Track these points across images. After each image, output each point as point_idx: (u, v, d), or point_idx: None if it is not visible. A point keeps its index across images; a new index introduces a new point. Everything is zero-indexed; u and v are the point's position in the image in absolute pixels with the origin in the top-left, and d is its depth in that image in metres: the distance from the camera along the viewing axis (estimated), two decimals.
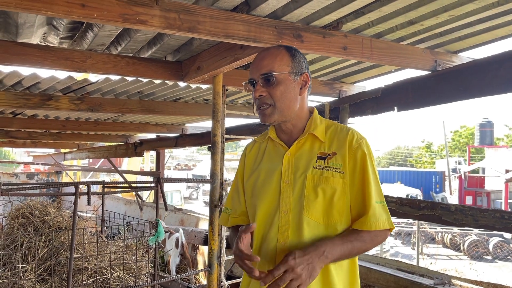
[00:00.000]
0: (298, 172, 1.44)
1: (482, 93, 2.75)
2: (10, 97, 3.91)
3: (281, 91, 1.43)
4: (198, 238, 5.54)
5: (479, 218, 2.69)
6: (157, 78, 3.38)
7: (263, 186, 1.49)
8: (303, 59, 1.50)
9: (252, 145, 1.64)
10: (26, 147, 8.98)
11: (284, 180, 1.45)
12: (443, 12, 2.39)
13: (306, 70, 1.49)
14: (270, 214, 1.45)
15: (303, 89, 1.48)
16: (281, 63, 1.44)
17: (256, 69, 1.46)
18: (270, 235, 1.42)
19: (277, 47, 1.51)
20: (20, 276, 2.54)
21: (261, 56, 1.48)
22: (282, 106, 1.43)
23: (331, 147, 1.45)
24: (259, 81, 1.44)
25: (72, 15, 1.92)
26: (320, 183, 1.40)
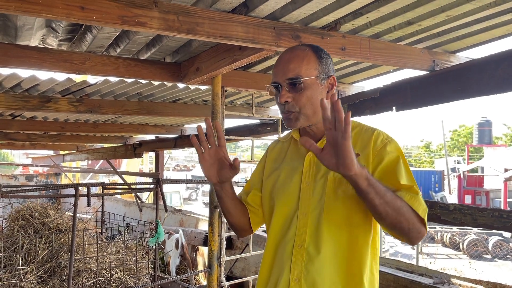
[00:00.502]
0: (319, 174, 1.39)
1: (480, 93, 2.77)
2: (9, 99, 3.92)
3: (308, 96, 1.36)
4: (197, 239, 5.55)
5: (478, 217, 2.70)
6: (156, 80, 3.38)
7: (282, 186, 1.45)
8: (329, 60, 1.43)
9: (275, 144, 1.61)
10: (25, 149, 8.98)
11: (305, 181, 1.40)
12: (440, 13, 2.40)
13: (333, 72, 1.43)
14: (288, 215, 1.41)
15: (330, 92, 1.41)
16: (308, 67, 1.37)
17: (282, 72, 1.38)
18: (287, 237, 1.38)
19: (303, 47, 1.42)
20: (21, 278, 2.55)
21: (287, 58, 1.40)
22: (309, 112, 1.38)
23: (355, 148, 1.32)
24: (285, 85, 1.37)
25: (72, 18, 1.93)
26: (342, 185, 1.33)
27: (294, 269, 1.34)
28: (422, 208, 1.25)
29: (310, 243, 1.34)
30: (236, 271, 5.24)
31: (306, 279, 1.32)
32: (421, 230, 1.25)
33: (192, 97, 4.65)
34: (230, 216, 1.56)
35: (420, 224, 1.25)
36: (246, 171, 34.11)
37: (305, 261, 1.33)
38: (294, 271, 1.34)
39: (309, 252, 1.33)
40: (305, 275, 1.32)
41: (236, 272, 5.22)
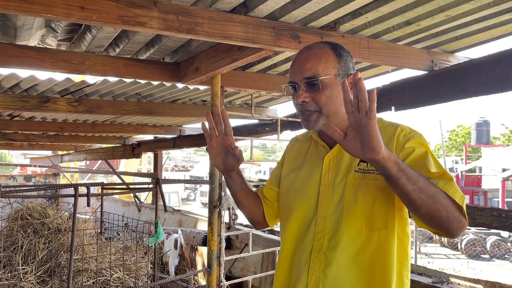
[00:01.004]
0: (339, 176, 1.34)
1: (479, 93, 2.78)
2: (8, 99, 3.91)
3: (327, 96, 1.30)
4: (196, 239, 5.56)
5: (477, 217, 2.71)
6: (156, 80, 3.38)
7: (301, 188, 1.40)
8: (349, 58, 1.36)
9: (294, 142, 1.57)
10: (23, 149, 8.96)
11: (324, 183, 1.35)
12: (439, 12, 2.41)
13: (353, 70, 1.36)
14: (306, 218, 1.36)
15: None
16: (327, 65, 1.30)
17: (299, 71, 1.32)
18: (306, 241, 1.34)
19: (322, 45, 1.35)
20: (21, 278, 2.54)
21: (304, 56, 1.34)
22: (329, 112, 1.31)
23: None
24: (302, 85, 1.31)
25: (72, 17, 1.93)
26: (361, 188, 1.28)
27: (312, 274, 1.30)
28: (459, 195, 1.16)
29: (328, 247, 1.29)
30: (235, 271, 5.24)
31: (324, 284, 1.27)
32: (461, 219, 1.14)
33: (191, 97, 4.65)
34: (242, 206, 1.56)
35: (459, 212, 1.14)
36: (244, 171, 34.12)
37: (323, 267, 1.29)
38: (312, 276, 1.30)
39: (328, 257, 1.29)
40: (323, 281, 1.28)
41: (235, 272, 5.22)
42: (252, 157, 3.74)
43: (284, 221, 1.46)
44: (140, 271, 3.05)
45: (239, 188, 1.51)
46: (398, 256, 1.29)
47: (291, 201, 1.43)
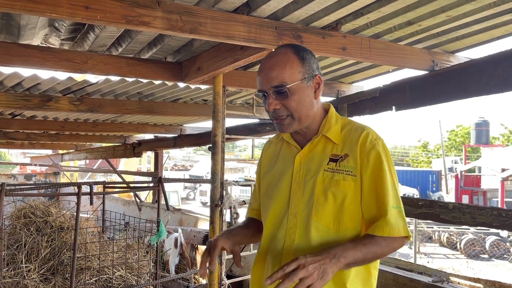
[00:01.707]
0: (309, 174, 1.39)
1: (479, 93, 2.79)
2: (10, 98, 3.93)
3: (296, 101, 1.34)
4: (197, 238, 5.57)
5: (477, 216, 2.73)
6: (158, 79, 3.40)
7: (275, 186, 1.46)
8: (313, 59, 1.40)
9: (268, 145, 1.62)
10: (24, 148, 8.97)
11: (295, 182, 1.41)
12: (440, 13, 2.43)
13: (317, 71, 1.40)
14: (279, 215, 1.42)
15: (317, 92, 1.39)
16: (292, 71, 1.33)
17: (266, 81, 1.35)
18: (278, 236, 1.40)
19: (284, 50, 1.38)
20: (24, 276, 2.56)
21: (269, 65, 1.36)
22: (300, 115, 1.37)
23: (344, 148, 1.38)
24: (271, 93, 1.34)
25: (76, 17, 1.94)
26: (331, 187, 1.34)
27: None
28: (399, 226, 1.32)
29: (299, 243, 1.35)
30: (236, 270, 5.26)
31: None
32: (402, 243, 1.35)
33: (192, 96, 4.67)
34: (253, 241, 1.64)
35: (401, 240, 1.33)
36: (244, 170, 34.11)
37: None
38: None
39: (298, 252, 1.33)
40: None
41: (236, 271, 5.23)
42: (253, 156, 3.75)
43: (263, 219, 1.52)
44: (142, 269, 3.07)
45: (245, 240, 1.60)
46: None
47: (268, 200, 1.49)
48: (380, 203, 1.33)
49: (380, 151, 1.35)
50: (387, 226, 1.30)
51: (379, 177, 1.34)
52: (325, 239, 1.33)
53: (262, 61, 1.42)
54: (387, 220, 1.30)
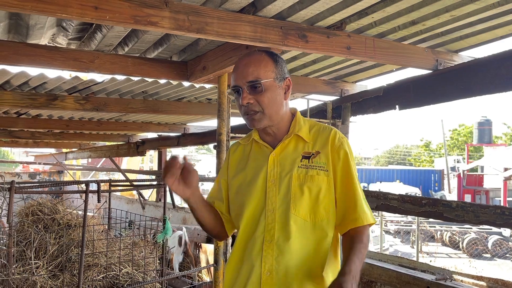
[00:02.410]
0: (284, 172, 1.47)
1: (483, 92, 2.82)
2: (17, 97, 3.96)
3: (269, 97, 1.44)
4: (201, 236, 5.59)
5: (480, 214, 2.75)
6: (163, 78, 3.43)
7: (249, 186, 1.51)
8: (284, 64, 1.53)
9: (236, 147, 1.66)
10: (28, 147, 9.03)
11: (270, 180, 1.48)
12: (444, 12, 2.45)
13: (288, 74, 1.52)
14: (256, 213, 1.48)
15: (287, 93, 1.51)
16: (266, 70, 1.44)
17: (241, 76, 1.45)
18: (256, 234, 1.45)
19: (259, 52, 1.50)
20: (33, 272, 2.59)
21: (245, 62, 1.47)
22: (271, 112, 1.46)
23: (315, 146, 1.50)
24: (246, 88, 1.43)
25: (86, 17, 1.98)
26: (306, 182, 1.44)
27: (265, 263, 1.41)
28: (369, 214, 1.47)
29: (279, 237, 1.42)
30: None
31: (277, 271, 1.40)
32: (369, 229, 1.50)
33: (197, 95, 4.70)
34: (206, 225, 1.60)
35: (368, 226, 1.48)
36: None
37: (275, 255, 1.41)
38: (265, 265, 1.41)
39: (279, 246, 1.41)
40: (276, 268, 1.40)
41: None
42: None
43: (237, 220, 1.55)
44: (149, 266, 3.10)
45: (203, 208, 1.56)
46: (335, 239, 1.49)
47: (241, 200, 1.52)
48: (352, 196, 1.46)
49: (347, 148, 1.50)
50: (363, 215, 1.44)
51: (348, 172, 1.48)
52: (302, 230, 1.43)
53: (236, 62, 1.52)
54: (361, 210, 1.45)
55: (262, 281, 1.41)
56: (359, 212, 1.44)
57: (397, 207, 3.16)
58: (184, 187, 1.46)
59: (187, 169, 1.44)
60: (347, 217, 1.46)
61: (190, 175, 1.45)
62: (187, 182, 1.45)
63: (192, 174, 1.45)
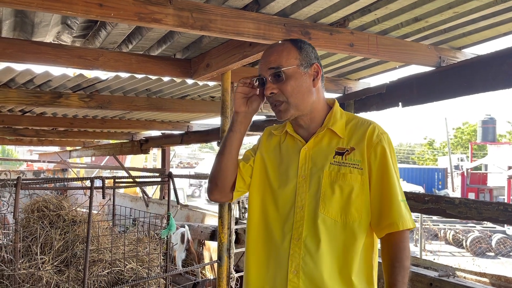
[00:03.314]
0: (315, 168, 1.41)
1: (486, 89, 2.81)
2: (22, 95, 4.00)
3: (292, 85, 1.39)
4: (204, 233, 5.62)
5: (483, 211, 2.75)
6: (167, 76, 3.45)
7: (278, 180, 1.46)
8: (311, 49, 1.46)
9: (269, 134, 1.59)
10: (33, 145, 9.08)
11: (301, 175, 1.42)
12: (447, 9, 2.45)
13: (316, 60, 1.45)
14: (284, 209, 1.42)
15: (316, 80, 1.43)
16: (289, 57, 1.40)
17: (264, 65, 1.43)
18: (284, 230, 1.40)
19: (283, 42, 1.47)
20: (39, 267, 2.62)
21: (268, 52, 1.45)
22: (296, 101, 1.40)
23: (350, 142, 1.41)
24: (269, 78, 1.40)
25: (91, 15, 1.99)
26: (338, 180, 1.37)
27: (292, 262, 1.36)
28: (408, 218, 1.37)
29: (307, 236, 1.36)
30: (242, 265, 5.31)
31: (304, 271, 1.34)
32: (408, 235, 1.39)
33: (200, 93, 4.72)
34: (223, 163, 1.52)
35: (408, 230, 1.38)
36: None
37: (302, 254, 1.35)
38: (292, 263, 1.36)
39: (307, 245, 1.35)
40: (303, 268, 1.34)
41: (243, 266, 5.28)
42: None
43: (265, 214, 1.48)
44: (153, 262, 3.13)
45: (238, 138, 1.52)
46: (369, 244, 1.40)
47: (268, 193, 1.47)
48: (389, 198, 1.36)
49: (385, 145, 1.39)
50: (401, 219, 1.34)
51: (386, 171, 1.37)
52: (332, 231, 1.36)
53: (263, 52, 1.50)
54: (398, 214, 1.35)
55: (288, 279, 1.35)
56: (395, 215, 1.34)
57: None
58: (245, 102, 1.49)
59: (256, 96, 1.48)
60: (382, 221, 1.36)
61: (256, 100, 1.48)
62: (249, 101, 1.49)
63: (257, 101, 1.49)
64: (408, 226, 1.35)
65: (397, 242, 1.35)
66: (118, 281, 2.88)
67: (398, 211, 1.35)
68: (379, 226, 1.38)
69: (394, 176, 1.38)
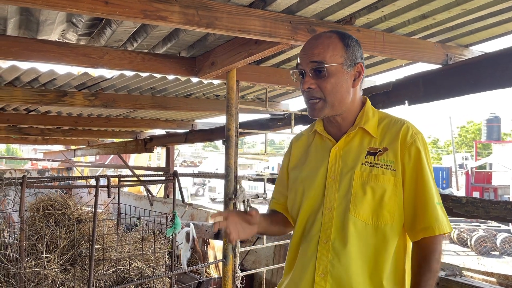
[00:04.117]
0: (346, 168, 1.36)
1: (493, 87, 2.78)
2: (27, 93, 4.00)
3: (332, 84, 1.32)
4: (209, 232, 5.61)
5: (490, 210, 2.72)
6: (172, 74, 3.44)
7: (308, 180, 1.42)
8: (357, 47, 1.38)
9: (299, 137, 1.57)
10: (38, 143, 9.10)
11: (330, 176, 1.37)
12: (455, 6, 2.43)
13: (360, 60, 1.38)
14: (313, 210, 1.39)
15: (357, 80, 1.37)
16: (334, 53, 1.33)
17: (306, 57, 1.35)
18: (312, 232, 1.37)
19: (330, 34, 1.38)
20: (44, 266, 2.62)
21: (312, 44, 1.37)
22: (334, 100, 1.34)
23: (383, 142, 1.36)
24: (309, 72, 1.33)
25: (96, 12, 1.98)
26: (369, 181, 1.31)
27: (319, 264, 1.32)
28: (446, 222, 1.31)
29: (335, 238, 1.32)
30: (247, 264, 5.30)
31: (332, 274, 1.30)
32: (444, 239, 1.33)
33: (205, 91, 4.71)
34: (277, 233, 1.61)
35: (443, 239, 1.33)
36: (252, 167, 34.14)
37: (330, 257, 1.31)
38: (319, 266, 1.32)
39: (335, 248, 1.31)
40: (331, 271, 1.31)
41: (247, 265, 5.28)
42: (266, 151, 3.78)
43: (294, 214, 1.47)
44: (158, 261, 3.13)
45: (267, 226, 1.53)
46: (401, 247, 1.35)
47: (299, 194, 1.44)
48: (424, 201, 1.31)
49: (420, 146, 1.34)
50: (436, 223, 1.29)
51: (420, 173, 1.32)
52: (362, 234, 1.31)
53: (306, 42, 1.42)
54: (434, 218, 1.29)
55: (315, 282, 1.32)
56: (430, 219, 1.29)
57: None
58: (247, 230, 1.40)
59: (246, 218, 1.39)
60: (417, 224, 1.31)
61: (251, 219, 1.40)
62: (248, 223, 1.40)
63: (253, 218, 1.40)
64: (445, 230, 1.29)
65: (429, 244, 1.30)
66: (123, 280, 2.88)
67: (434, 215, 1.30)
68: (414, 230, 1.32)
69: (429, 178, 1.33)
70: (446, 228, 1.30)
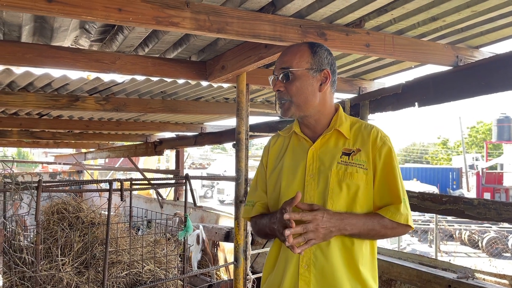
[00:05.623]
0: (323, 167, 1.48)
1: (505, 88, 2.78)
2: (40, 98, 4.06)
3: (297, 86, 1.48)
4: (218, 234, 5.64)
5: (503, 212, 2.72)
6: (183, 78, 3.47)
7: (287, 179, 1.53)
8: (325, 55, 1.53)
9: (276, 138, 1.68)
10: (49, 147, 9.20)
11: (309, 174, 1.49)
12: (465, 8, 2.43)
13: (327, 66, 1.52)
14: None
15: (323, 85, 1.51)
16: (300, 60, 1.49)
17: (278, 65, 1.53)
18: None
19: (301, 44, 1.56)
20: (59, 269, 2.66)
21: (284, 52, 1.54)
22: (299, 101, 1.49)
23: (356, 143, 1.50)
24: (279, 76, 1.51)
25: (110, 19, 2.02)
26: (345, 179, 1.45)
27: (303, 257, 1.44)
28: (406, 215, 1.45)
29: None
30: (257, 267, 5.31)
31: (315, 265, 1.42)
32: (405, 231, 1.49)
33: (214, 95, 4.74)
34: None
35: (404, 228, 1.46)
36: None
37: (313, 249, 1.43)
38: (303, 258, 1.44)
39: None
40: (314, 262, 1.43)
41: (257, 268, 5.29)
42: None
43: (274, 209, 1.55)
44: (170, 263, 3.15)
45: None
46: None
47: (280, 193, 1.54)
48: (392, 195, 1.46)
49: (389, 147, 1.49)
50: (397, 212, 1.43)
51: (390, 171, 1.47)
52: None
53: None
54: (398, 207, 1.44)
55: (300, 273, 1.43)
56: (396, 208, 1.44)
57: (417, 205, 3.14)
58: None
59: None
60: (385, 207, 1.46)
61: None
62: None
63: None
64: (402, 221, 1.43)
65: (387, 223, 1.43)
66: (136, 283, 2.91)
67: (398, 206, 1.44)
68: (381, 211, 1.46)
69: (397, 177, 1.47)
70: (406, 219, 1.44)
